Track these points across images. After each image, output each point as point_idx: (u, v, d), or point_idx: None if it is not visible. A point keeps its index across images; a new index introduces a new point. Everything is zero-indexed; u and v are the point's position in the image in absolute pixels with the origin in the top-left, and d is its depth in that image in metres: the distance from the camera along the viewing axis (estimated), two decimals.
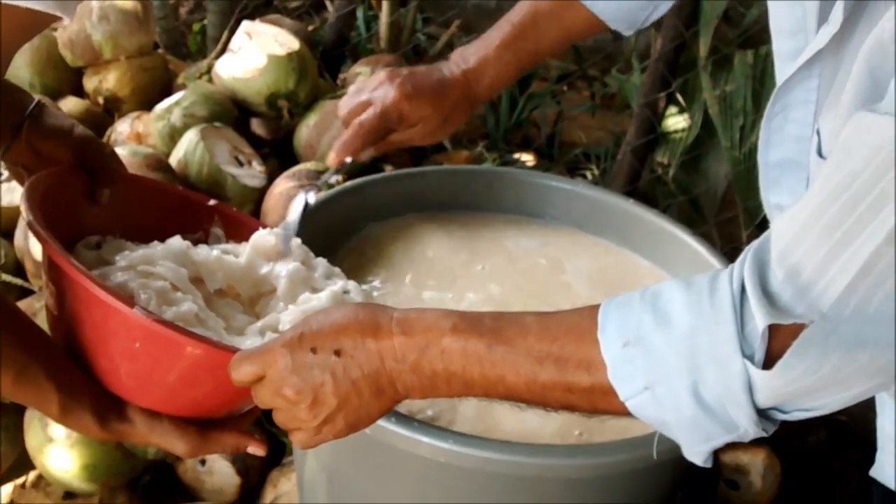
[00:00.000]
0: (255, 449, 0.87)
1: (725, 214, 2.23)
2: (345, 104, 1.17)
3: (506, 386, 0.73)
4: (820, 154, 0.76)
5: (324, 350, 0.74)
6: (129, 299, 0.79)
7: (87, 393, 0.82)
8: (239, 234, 1.04)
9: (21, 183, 0.93)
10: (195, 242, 0.98)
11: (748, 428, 0.67)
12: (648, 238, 1.35)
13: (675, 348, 0.66)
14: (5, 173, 1.81)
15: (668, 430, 0.70)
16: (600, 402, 0.71)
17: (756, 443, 1.75)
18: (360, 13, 2.76)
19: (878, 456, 0.92)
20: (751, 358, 0.64)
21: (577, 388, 0.71)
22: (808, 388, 0.64)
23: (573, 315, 0.73)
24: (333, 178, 1.13)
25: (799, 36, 0.79)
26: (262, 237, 0.98)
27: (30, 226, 0.80)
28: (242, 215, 1.09)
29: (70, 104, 2.12)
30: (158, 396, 0.83)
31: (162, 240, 0.95)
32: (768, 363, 0.64)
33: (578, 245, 1.37)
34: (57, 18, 0.63)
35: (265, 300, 0.96)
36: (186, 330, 0.78)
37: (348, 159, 1.15)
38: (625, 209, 1.38)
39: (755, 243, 0.67)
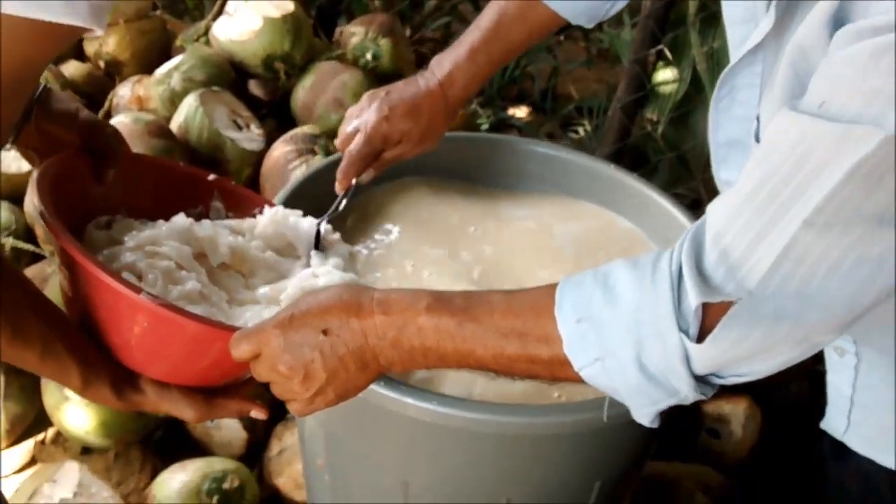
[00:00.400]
0: (257, 413, 0.94)
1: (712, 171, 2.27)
2: (340, 133, 1.24)
3: (476, 359, 0.80)
4: (757, 139, 0.82)
5: (313, 329, 0.81)
6: (136, 285, 0.85)
7: (104, 367, 0.89)
8: (238, 206, 1.10)
9: (31, 163, 0.99)
10: (197, 217, 1.04)
11: (688, 393, 0.74)
12: (630, 201, 1.41)
13: (622, 323, 0.73)
14: None
15: (618, 395, 0.77)
16: (559, 371, 0.78)
17: (738, 392, 1.83)
18: None
19: (829, 410, 0.99)
20: (686, 332, 0.71)
21: (538, 360, 0.78)
22: (737, 357, 0.71)
23: (534, 293, 0.80)
24: (342, 205, 1.21)
25: (749, 24, 0.83)
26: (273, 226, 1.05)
27: (42, 217, 0.86)
28: (240, 188, 1.14)
29: (72, 68, 2.16)
30: (167, 369, 0.90)
31: (165, 214, 1.00)
32: (702, 336, 0.71)
33: (566, 209, 1.43)
34: (86, 29, 0.66)
35: (264, 272, 1.03)
36: (189, 312, 0.85)
37: (353, 182, 1.23)
38: (609, 174, 1.43)
39: (694, 226, 0.74)
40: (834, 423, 0.98)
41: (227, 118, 1.95)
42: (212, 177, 1.10)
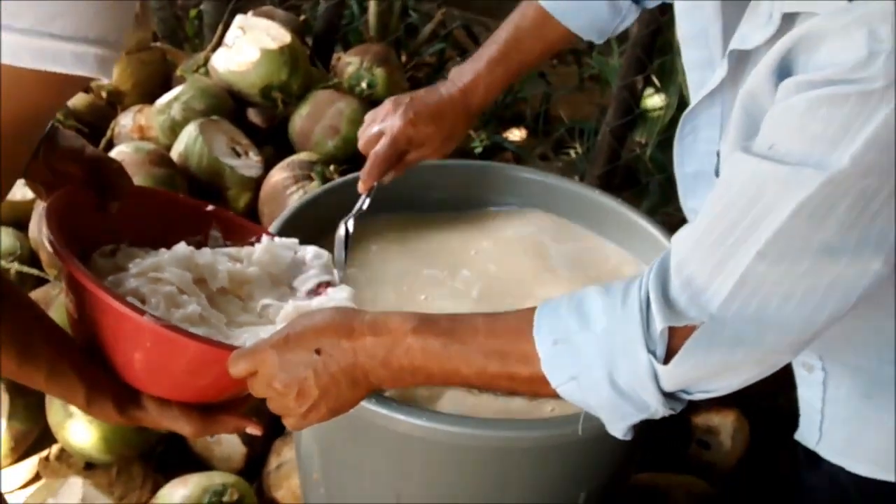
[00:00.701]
0: (253, 429, 0.99)
1: None
2: (361, 136, 1.28)
3: (461, 377, 0.85)
4: (717, 174, 0.88)
5: (306, 349, 0.86)
6: (140, 308, 0.90)
7: (107, 385, 0.93)
8: (235, 234, 1.15)
9: (38, 196, 1.04)
10: (196, 245, 1.09)
11: (657, 408, 0.80)
12: (616, 224, 1.45)
13: (595, 346, 0.79)
14: None
15: (592, 410, 0.83)
16: (538, 388, 0.83)
17: (726, 404, 1.87)
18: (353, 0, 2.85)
19: (801, 422, 1.04)
20: (654, 353, 0.76)
21: (518, 378, 0.83)
22: (701, 377, 0.77)
23: (514, 316, 0.85)
24: (366, 204, 1.25)
25: (706, 70, 0.89)
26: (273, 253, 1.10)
27: (51, 245, 0.91)
28: (238, 218, 1.19)
29: (75, 98, 2.22)
30: (167, 387, 0.95)
31: (167, 242, 1.05)
32: (669, 357, 0.76)
33: (558, 229, 1.48)
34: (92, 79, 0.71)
35: (260, 296, 1.08)
36: (190, 332, 0.90)
37: (375, 183, 1.27)
38: (595, 199, 1.47)
39: (661, 256, 0.79)
40: (807, 434, 1.03)
41: (226, 146, 2.01)
42: (210, 207, 1.14)
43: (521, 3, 1.30)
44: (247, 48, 2.09)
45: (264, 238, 1.12)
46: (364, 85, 2.21)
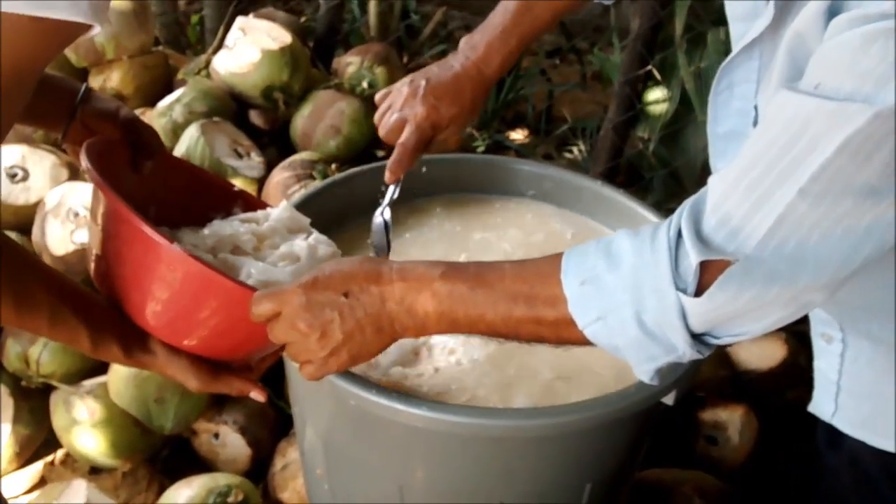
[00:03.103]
0: (257, 395, 0.98)
1: (705, 184, 2.31)
2: (381, 124, 1.26)
3: (486, 323, 0.85)
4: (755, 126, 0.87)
5: (334, 291, 0.86)
6: (170, 236, 0.89)
7: (113, 328, 0.93)
8: None
9: (77, 159, 1.04)
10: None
11: (685, 350, 0.79)
12: (614, 213, 1.46)
13: (622, 284, 0.78)
14: (20, 173, 1.93)
15: (619, 352, 0.82)
16: (564, 331, 0.82)
17: (735, 399, 1.85)
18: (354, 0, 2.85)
19: (816, 394, 1.03)
20: (683, 291, 0.76)
21: (544, 321, 0.83)
22: (730, 314, 0.76)
23: (542, 261, 0.85)
24: (396, 193, 1.23)
25: (751, 21, 0.87)
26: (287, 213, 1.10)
27: (88, 172, 0.91)
28: (261, 201, 1.19)
29: None
30: (184, 332, 0.93)
31: (190, 214, 1.06)
32: (699, 295, 0.75)
33: (561, 220, 1.48)
34: (86, 29, 0.71)
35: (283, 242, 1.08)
36: (219, 269, 0.89)
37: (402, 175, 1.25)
38: (595, 190, 1.48)
39: (692, 198, 0.78)
40: (821, 406, 1.02)
41: (228, 147, 2.01)
42: (237, 188, 1.16)
43: None
44: (248, 49, 2.10)
45: (284, 202, 1.13)
46: (365, 84, 2.21)
